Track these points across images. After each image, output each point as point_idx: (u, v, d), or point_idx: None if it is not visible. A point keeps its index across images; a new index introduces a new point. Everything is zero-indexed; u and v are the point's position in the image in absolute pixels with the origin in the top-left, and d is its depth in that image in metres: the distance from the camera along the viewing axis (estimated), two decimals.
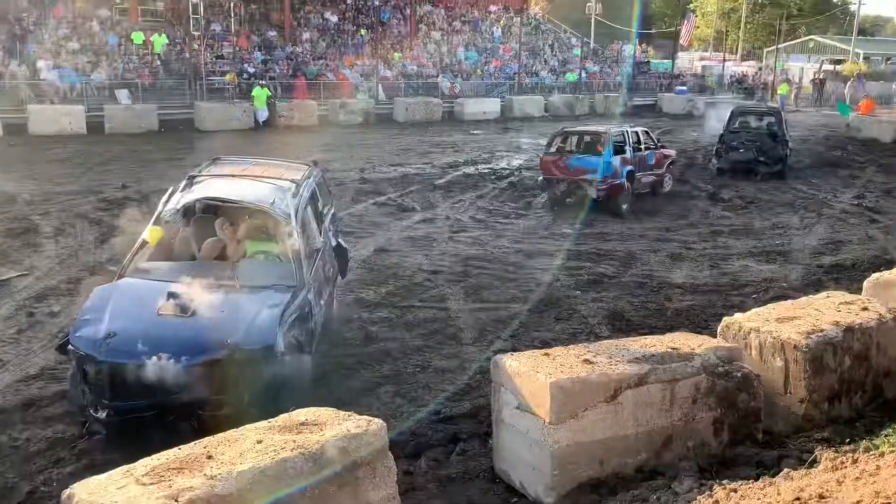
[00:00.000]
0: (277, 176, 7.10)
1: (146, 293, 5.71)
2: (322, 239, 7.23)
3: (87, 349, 5.18)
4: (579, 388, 4.11)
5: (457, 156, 19.98)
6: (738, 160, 17.11)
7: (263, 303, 5.68)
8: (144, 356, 5.09)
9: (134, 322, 5.39)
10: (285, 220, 6.29)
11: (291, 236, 6.22)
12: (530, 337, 7.66)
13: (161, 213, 6.51)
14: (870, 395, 5.15)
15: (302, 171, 7.56)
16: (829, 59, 50.25)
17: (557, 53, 40.49)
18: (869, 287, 6.20)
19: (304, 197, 6.93)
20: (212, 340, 5.22)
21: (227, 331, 5.29)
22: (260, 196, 6.51)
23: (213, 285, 5.79)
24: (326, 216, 7.95)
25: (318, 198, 7.64)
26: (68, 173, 15.70)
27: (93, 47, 26.86)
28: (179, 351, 5.14)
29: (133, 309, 5.56)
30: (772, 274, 10.00)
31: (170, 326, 5.35)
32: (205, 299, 5.57)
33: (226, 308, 5.55)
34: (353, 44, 34.09)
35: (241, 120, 24.42)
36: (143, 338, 5.20)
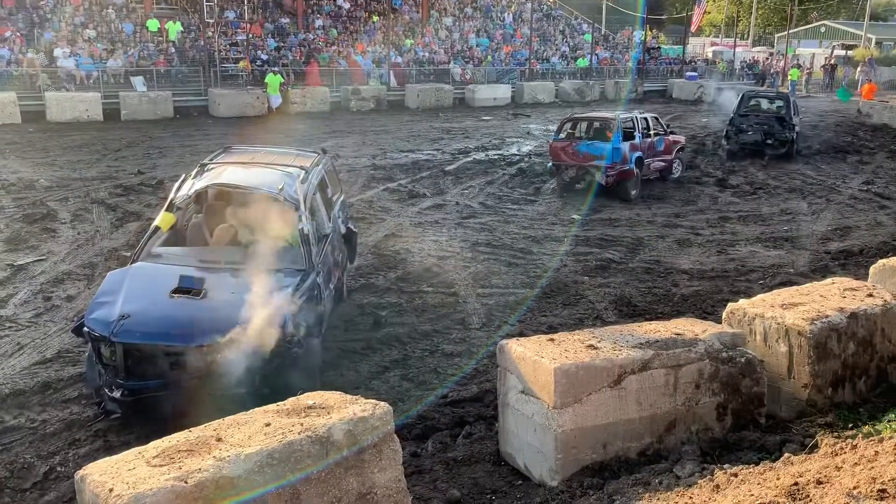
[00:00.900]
0: (287, 163, 7.28)
1: (159, 276, 5.84)
2: (331, 225, 7.35)
3: (102, 331, 5.27)
4: (583, 373, 4.17)
5: (467, 142, 19.98)
6: (747, 142, 17.70)
7: (273, 286, 5.78)
8: (157, 337, 5.25)
9: (147, 304, 5.51)
10: (294, 206, 6.45)
11: (300, 222, 6.36)
12: (537, 322, 7.73)
13: (173, 200, 6.68)
14: (874, 380, 5.17)
15: (311, 158, 7.71)
16: (840, 45, 49.63)
17: (568, 39, 40.25)
18: (875, 273, 6.21)
19: (313, 183, 7.07)
20: (223, 322, 5.30)
21: (239, 313, 5.37)
22: (270, 183, 6.67)
23: (225, 269, 5.99)
24: (335, 203, 8.07)
25: (327, 184, 7.78)
26: (85, 160, 15.85)
27: (109, 35, 26.99)
28: (191, 332, 5.28)
29: (146, 291, 5.68)
30: (779, 260, 10.01)
31: (182, 308, 5.46)
32: (216, 282, 5.72)
33: (236, 290, 5.66)
34: (366, 30, 34.03)
35: (254, 106, 24.53)
36: (156, 319, 5.36)
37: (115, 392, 5.31)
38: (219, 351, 5.24)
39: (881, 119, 24.56)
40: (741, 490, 3.38)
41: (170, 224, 6.57)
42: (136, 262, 6.20)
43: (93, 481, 3.06)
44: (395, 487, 3.58)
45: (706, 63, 42.73)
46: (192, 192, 6.71)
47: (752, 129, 17.78)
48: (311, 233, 6.44)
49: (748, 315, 5.13)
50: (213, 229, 6.77)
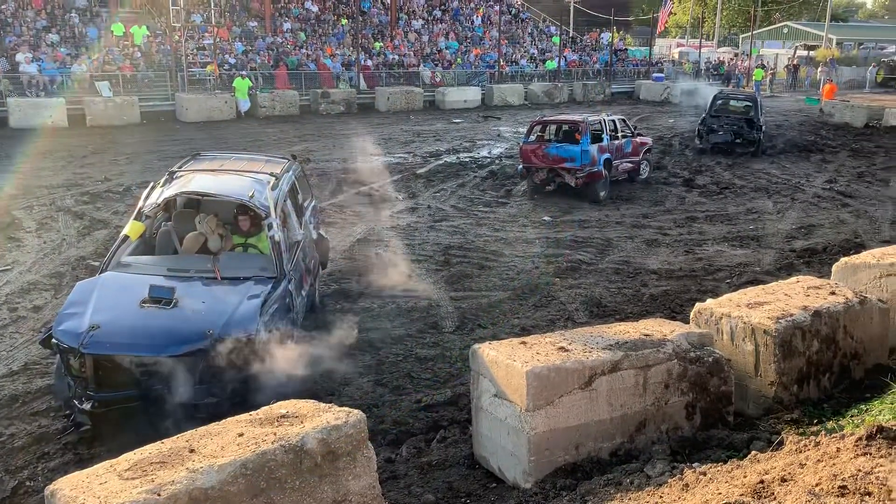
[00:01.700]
0: (257, 170, 7.25)
1: (128, 286, 5.76)
2: (302, 231, 7.34)
3: (71, 342, 5.19)
4: (555, 376, 4.22)
5: (438, 145, 20.03)
6: (718, 142, 18.84)
7: (244, 294, 5.78)
8: (127, 348, 5.18)
9: (117, 314, 5.43)
10: (265, 212, 6.43)
11: (271, 228, 6.36)
12: (510, 324, 7.79)
13: (142, 208, 6.63)
14: (837, 376, 5.30)
15: (281, 164, 7.69)
16: (802, 45, 50.62)
17: (537, 42, 40.51)
18: (837, 271, 6.36)
19: (284, 190, 7.06)
20: (194, 331, 5.28)
21: (209, 321, 5.36)
22: (239, 189, 6.64)
23: (195, 278, 5.95)
24: (307, 209, 8.08)
25: (297, 191, 7.78)
26: (50, 167, 15.60)
27: (73, 39, 26.57)
28: (162, 342, 5.22)
29: (116, 302, 5.59)
30: (745, 258, 10.19)
31: (152, 318, 5.38)
32: (186, 291, 5.67)
33: (207, 299, 5.65)
34: (334, 33, 33.93)
35: (222, 111, 24.32)
36: (126, 330, 5.28)
37: (85, 404, 5.21)
38: (190, 360, 5.20)
39: (843, 118, 25.11)
40: (709, 488, 3.45)
41: (139, 233, 6.52)
42: (104, 271, 6.13)
43: (63, 496, 3.03)
44: (370, 494, 3.60)
45: (673, 64, 43.26)
46: (161, 200, 6.63)
47: (723, 130, 18.80)
48: (282, 240, 6.44)
49: (715, 315, 5.23)
50: (182, 237, 6.74)
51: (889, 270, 5.91)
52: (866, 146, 20.27)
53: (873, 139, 21.58)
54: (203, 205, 6.96)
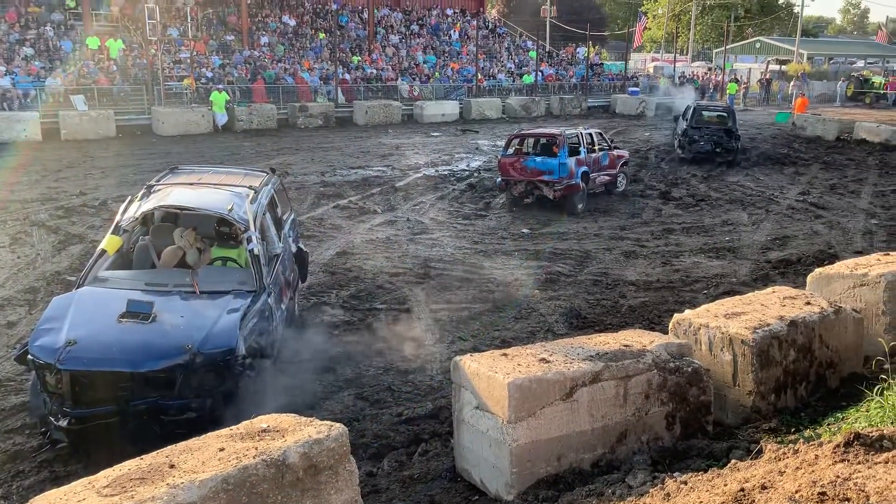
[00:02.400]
0: (235, 183, 7.19)
1: (106, 301, 5.66)
2: (281, 244, 7.31)
3: (47, 358, 5.08)
4: (536, 387, 4.23)
5: (417, 158, 20.07)
6: (700, 151, 19.61)
7: (223, 308, 5.71)
8: (105, 363, 5.08)
9: (94, 330, 5.33)
10: (244, 226, 6.40)
11: (250, 242, 6.31)
12: (490, 336, 7.80)
13: (119, 223, 6.56)
14: (813, 385, 5.37)
15: (260, 177, 7.65)
16: (774, 60, 51.57)
17: (514, 56, 40.84)
18: (812, 281, 6.45)
19: (263, 203, 7.02)
20: (173, 346, 5.21)
21: (188, 336, 5.29)
22: (218, 203, 6.58)
23: (174, 292, 5.87)
24: (286, 222, 8.06)
25: (276, 204, 7.74)
26: (23, 181, 15.40)
27: (47, 53, 26.31)
28: (140, 357, 5.14)
29: (93, 317, 5.49)
30: (722, 270, 10.31)
31: (130, 333, 5.29)
32: (165, 306, 5.59)
33: (186, 314, 5.58)
34: (312, 47, 33.95)
35: (199, 124, 24.20)
36: (104, 345, 5.18)
37: (61, 421, 5.09)
38: (169, 375, 5.14)
39: (815, 131, 25.55)
40: (690, 497, 3.47)
41: (116, 247, 6.43)
42: (81, 286, 6.02)
43: None
44: None
45: (648, 78, 43.80)
46: (139, 214, 6.57)
47: (704, 140, 19.62)
48: (262, 253, 6.40)
49: (693, 325, 5.28)
50: (160, 251, 6.69)
51: (862, 281, 6.01)
52: (838, 159, 20.64)
53: (844, 152, 21.98)
54: (181, 218, 6.89)
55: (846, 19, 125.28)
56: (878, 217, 13.60)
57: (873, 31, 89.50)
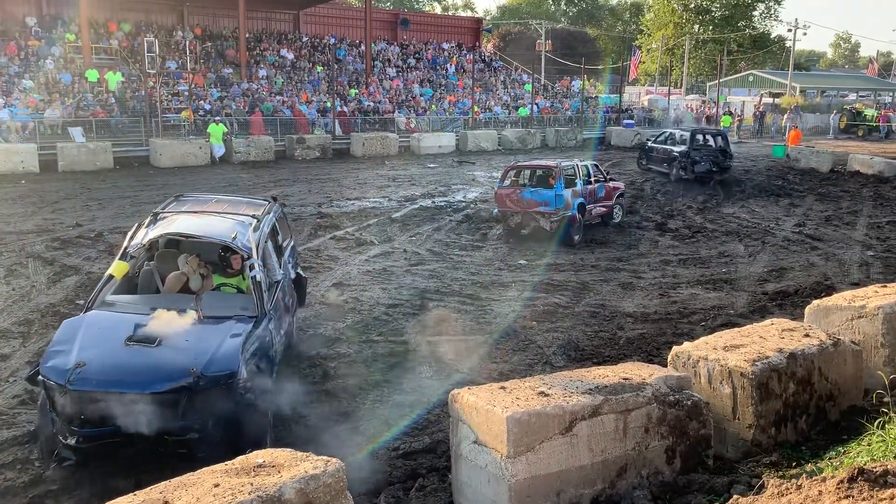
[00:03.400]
0: (238, 212, 7.41)
1: (114, 324, 5.84)
2: (282, 271, 7.48)
3: (57, 379, 5.21)
4: (535, 421, 4.19)
5: (413, 189, 20.15)
6: (701, 171, 21.63)
7: (226, 332, 5.85)
8: (113, 385, 5.21)
9: (102, 352, 5.47)
10: (246, 253, 6.58)
11: (253, 269, 6.48)
12: (488, 369, 7.75)
13: (127, 249, 6.70)
14: (814, 418, 5.33)
15: (262, 206, 7.85)
16: (768, 93, 52.18)
17: (509, 89, 41.26)
18: (810, 313, 6.44)
19: (265, 231, 7.18)
20: (177, 368, 5.36)
21: (192, 359, 5.43)
22: (222, 231, 6.79)
23: (178, 317, 5.95)
24: (286, 249, 8.19)
25: (277, 232, 7.91)
26: (20, 212, 15.40)
27: (46, 85, 26.51)
28: (147, 379, 5.27)
29: (101, 339, 5.63)
30: (719, 301, 10.29)
31: (137, 355, 5.46)
32: (170, 330, 5.74)
33: (190, 338, 5.72)
34: (310, 80, 34.27)
35: (197, 156, 24.30)
36: (112, 367, 5.34)
37: (69, 439, 5.20)
38: (174, 397, 5.27)
39: (809, 163, 25.75)
40: None
41: (123, 272, 6.58)
42: (90, 310, 6.15)
43: None
44: None
45: (643, 111, 44.23)
46: (146, 240, 6.74)
47: (704, 161, 21.81)
48: (263, 280, 6.53)
49: (692, 358, 5.26)
50: (164, 277, 6.83)
51: (860, 313, 6.00)
52: (832, 191, 20.77)
53: (839, 184, 22.13)
54: (184, 245, 7.05)
55: (837, 53, 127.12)
56: (874, 249, 13.65)
57: (864, 64, 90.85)
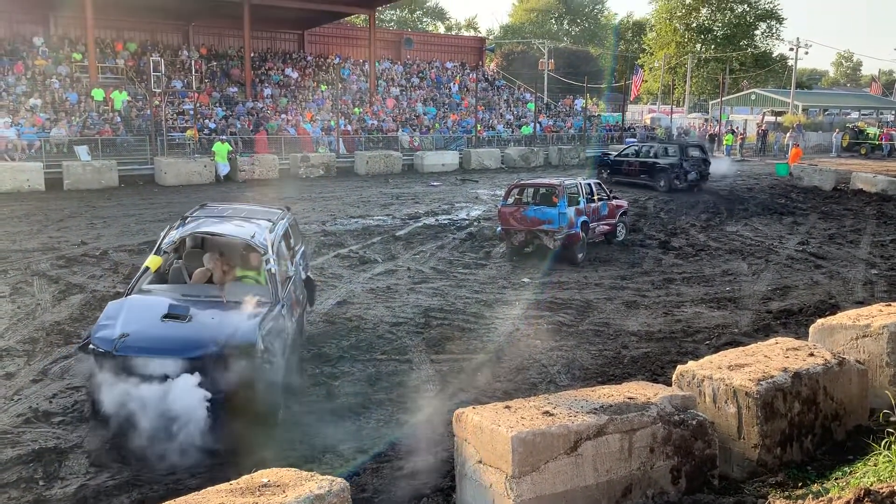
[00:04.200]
0: (256, 217, 8.42)
1: (151, 305, 6.85)
2: (293, 269, 8.41)
3: (105, 347, 6.18)
4: (540, 441, 4.19)
5: (417, 207, 20.21)
6: (692, 180, 24.57)
7: (246, 313, 6.77)
8: (152, 351, 6.17)
9: (142, 326, 6.43)
10: (263, 250, 7.49)
11: (268, 263, 7.41)
12: (492, 388, 7.74)
13: (161, 245, 7.70)
14: (819, 438, 5.30)
15: (277, 213, 8.90)
16: (770, 111, 52.37)
17: (512, 108, 41.47)
18: (814, 332, 6.43)
19: (279, 233, 8.15)
20: (206, 339, 6.30)
21: (218, 332, 6.38)
22: (242, 231, 7.79)
23: (206, 301, 7.02)
24: (297, 252, 9.12)
25: (290, 236, 8.91)
26: (25, 230, 15.48)
27: (53, 104, 26.73)
28: (180, 347, 6.22)
29: (141, 316, 6.60)
30: (723, 320, 10.28)
31: (172, 329, 6.44)
32: (199, 310, 6.74)
33: (216, 316, 6.71)
34: (314, 99, 34.49)
35: (202, 174, 24.45)
36: (150, 337, 6.32)
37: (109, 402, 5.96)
38: (202, 363, 6.12)
39: (812, 181, 25.80)
40: None
41: (157, 265, 7.54)
42: (130, 295, 7.10)
43: None
44: None
45: (645, 129, 44.40)
46: (178, 237, 7.73)
47: (693, 171, 24.67)
48: (277, 273, 7.42)
49: (697, 377, 5.25)
50: (191, 272, 7.75)
51: (865, 332, 5.99)
52: (836, 209, 20.78)
53: (842, 202, 22.15)
54: (209, 244, 8.06)
55: (839, 72, 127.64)
56: (878, 267, 13.63)
57: (866, 83, 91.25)
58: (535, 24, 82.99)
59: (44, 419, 6.68)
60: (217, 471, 5.78)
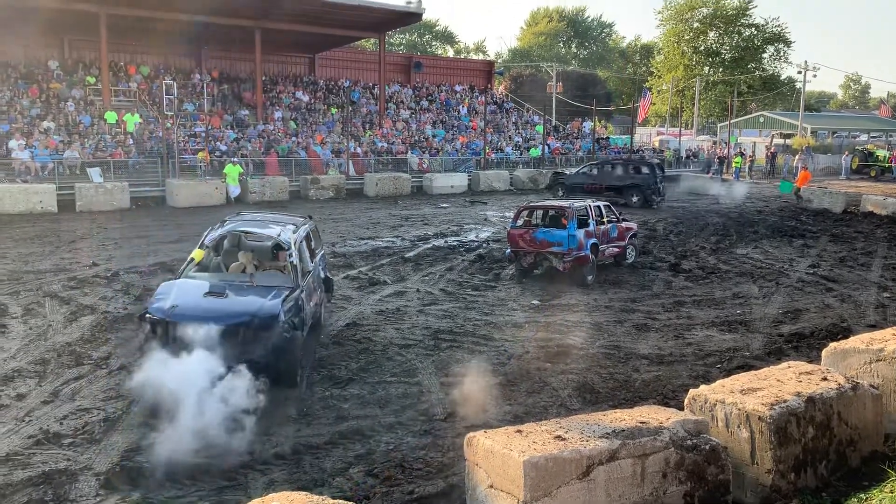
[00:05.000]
0: (282, 222, 10.13)
1: (196, 285, 8.58)
2: (312, 264, 9.96)
3: (159, 315, 7.86)
4: (552, 466, 4.17)
5: (426, 229, 20.26)
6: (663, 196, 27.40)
7: (271, 294, 8.38)
8: (197, 318, 7.67)
9: (189, 300, 8.11)
10: (287, 246, 9.24)
11: (291, 257, 9.10)
12: (502, 411, 7.70)
13: (204, 241, 9.47)
14: (834, 463, 5.26)
15: (300, 220, 10.65)
16: (779, 133, 52.41)
17: (521, 130, 41.66)
18: (827, 356, 6.39)
19: (301, 235, 9.81)
20: (239, 311, 7.99)
21: (249, 306, 8.07)
22: (270, 231, 9.57)
23: (239, 284, 8.73)
24: (317, 253, 10.76)
25: (311, 239, 10.56)
26: (37, 252, 15.60)
27: (66, 127, 27.04)
28: (219, 316, 7.80)
29: (188, 293, 8.29)
30: (734, 343, 10.22)
31: (212, 302, 8.10)
32: (234, 290, 8.43)
33: (248, 294, 8.39)
34: (325, 122, 34.76)
35: (212, 196, 24.63)
36: (195, 308, 7.93)
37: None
38: (236, 329, 7.73)
39: (821, 204, 25.74)
40: None
41: (201, 257, 9.28)
42: (178, 279, 8.83)
43: None
44: None
45: (653, 152, 44.48)
46: (217, 235, 9.58)
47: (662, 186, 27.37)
48: (298, 266, 9.05)
49: (709, 401, 5.22)
50: (228, 266, 9.57)
51: (878, 356, 5.95)
52: (846, 231, 20.70)
53: (852, 225, 22.06)
54: (243, 244, 9.90)
55: (847, 94, 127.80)
56: (890, 290, 13.54)
57: (875, 105, 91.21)
58: (544, 48, 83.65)
59: (54, 441, 6.68)
60: (227, 493, 5.77)
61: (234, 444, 6.50)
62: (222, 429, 6.62)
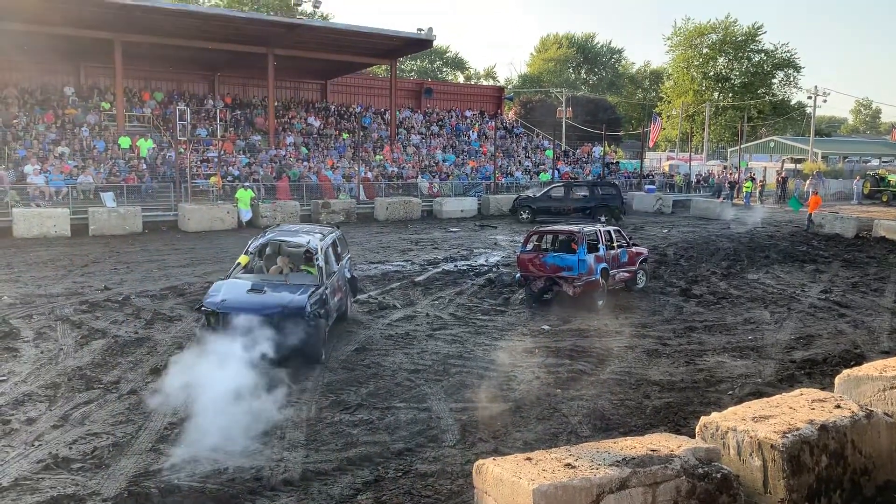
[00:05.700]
0: (312, 231, 12.35)
1: (241, 283, 10.62)
2: (337, 267, 12.00)
3: (212, 307, 9.94)
4: (562, 494, 4.14)
5: (436, 253, 20.29)
6: None
7: (300, 289, 10.38)
8: (243, 309, 9.77)
9: (235, 295, 10.17)
10: (315, 252, 11.17)
11: (318, 261, 11.01)
12: (512, 438, 7.64)
13: (248, 248, 11.59)
14: (848, 493, 5.19)
15: (328, 230, 12.71)
16: (790, 158, 52.34)
17: (531, 155, 41.81)
18: (840, 383, 6.33)
19: (328, 242, 11.79)
20: (274, 304, 10.02)
21: (282, 300, 10.10)
22: (302, 240, 11.69)
23: (276, 283, 10.80)
24: (343, 258, 12.80)
25: (337, 245, 12.56)
26: (50, 275, 15.73)
27: (81, 152, 27.38)
28: (259, 307, 9.89)
29: (235, 290, 10.34)
30: (746, 370, 10.13)
31: (253, 297, 10.17)
32: (271, 287, 10.54)
33: (282, 291, 10.45)
34: (336, 147, 35.04)
35: (224, 220, 24.81)
36: (240, 301, 10.02)
37: None
38: (271, 319, 9.70)
39: (833, 229, 25.61)
40: None
41: (246, 262, 11.29)
42: (227, 279, 10.84)
43: None
44: None
45: (664, 176, 44.50)
46: (259, 244, 11.67)
47: None
48: (324, 268, 10.98)
49: (721, 429, 5.18)
50: (268, 269, 11.52)
51: (893, 383, 5.89)
52: (858, 256, 20.56)
53: (864, 250, 21.92)
54: (282, 250, 11.80)
55: (858, 119, 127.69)
56: None
57: (886, 130, 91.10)
58: (554, 74, 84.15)
59: (63, 465, 6.68)
60: None
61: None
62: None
